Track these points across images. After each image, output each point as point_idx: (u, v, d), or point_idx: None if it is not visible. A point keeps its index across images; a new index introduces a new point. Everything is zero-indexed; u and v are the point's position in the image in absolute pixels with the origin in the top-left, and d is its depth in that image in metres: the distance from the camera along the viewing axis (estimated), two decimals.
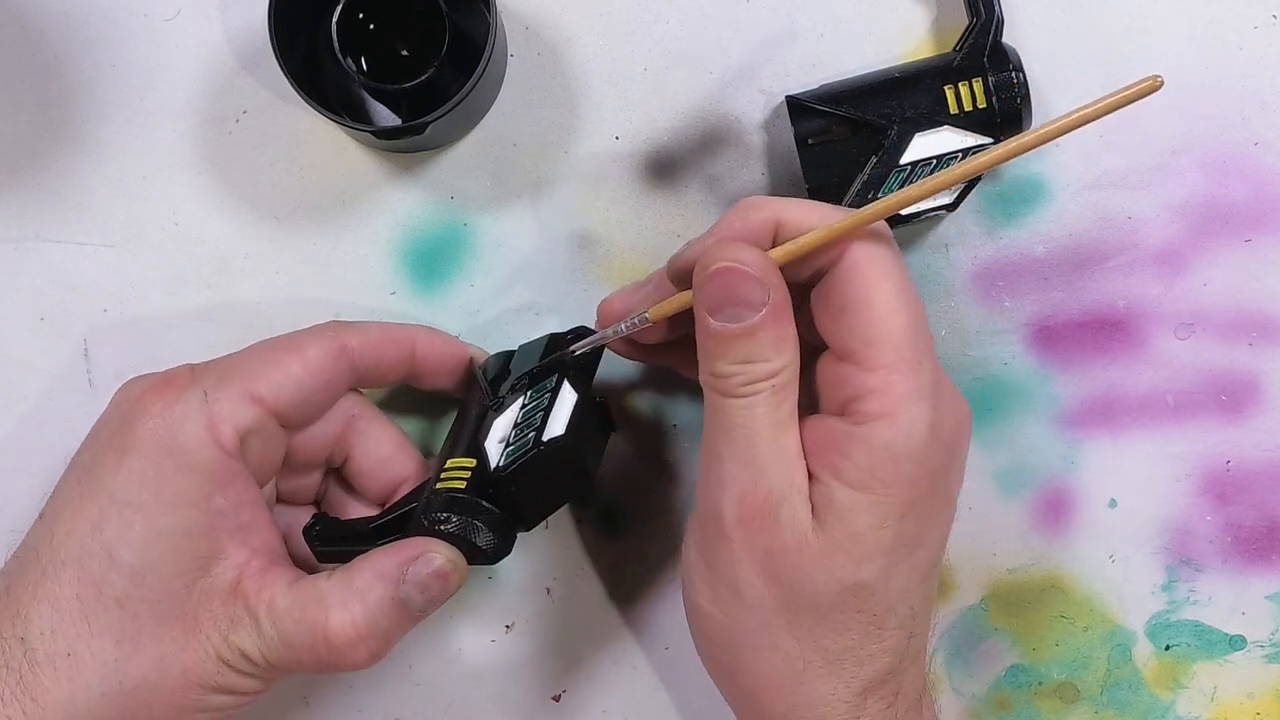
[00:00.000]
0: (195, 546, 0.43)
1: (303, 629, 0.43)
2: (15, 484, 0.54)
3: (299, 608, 0.43)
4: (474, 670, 0.55)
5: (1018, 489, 0.55)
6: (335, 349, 0.47)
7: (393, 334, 0.49)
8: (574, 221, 0.54)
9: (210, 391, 0.44)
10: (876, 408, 0.42)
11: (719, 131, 0.54)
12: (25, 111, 0.53)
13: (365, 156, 0.54)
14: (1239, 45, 0.54)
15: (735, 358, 0.42)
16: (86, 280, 0.53)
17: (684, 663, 0.55)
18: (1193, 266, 0.54)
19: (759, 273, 0.42)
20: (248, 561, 0.44)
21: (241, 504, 0.44)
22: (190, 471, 0.43)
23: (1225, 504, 0.55)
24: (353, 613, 0.43)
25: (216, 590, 0.44)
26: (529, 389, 0.47)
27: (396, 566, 0.44)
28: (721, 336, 0.42)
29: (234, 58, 0.53)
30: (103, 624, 0.43)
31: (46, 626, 0.43)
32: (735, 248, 0.42)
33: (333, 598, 0.43)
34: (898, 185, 0.50)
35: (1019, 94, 0.50)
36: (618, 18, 0.53)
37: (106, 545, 0.43)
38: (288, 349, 0.46)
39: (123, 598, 0.43)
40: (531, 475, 0.45)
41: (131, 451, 0.43)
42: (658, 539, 0.55)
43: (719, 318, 0.42)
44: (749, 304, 0.42)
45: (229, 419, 0.44)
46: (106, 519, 0.43)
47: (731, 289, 0.42)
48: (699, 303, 0.43)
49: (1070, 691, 0.56)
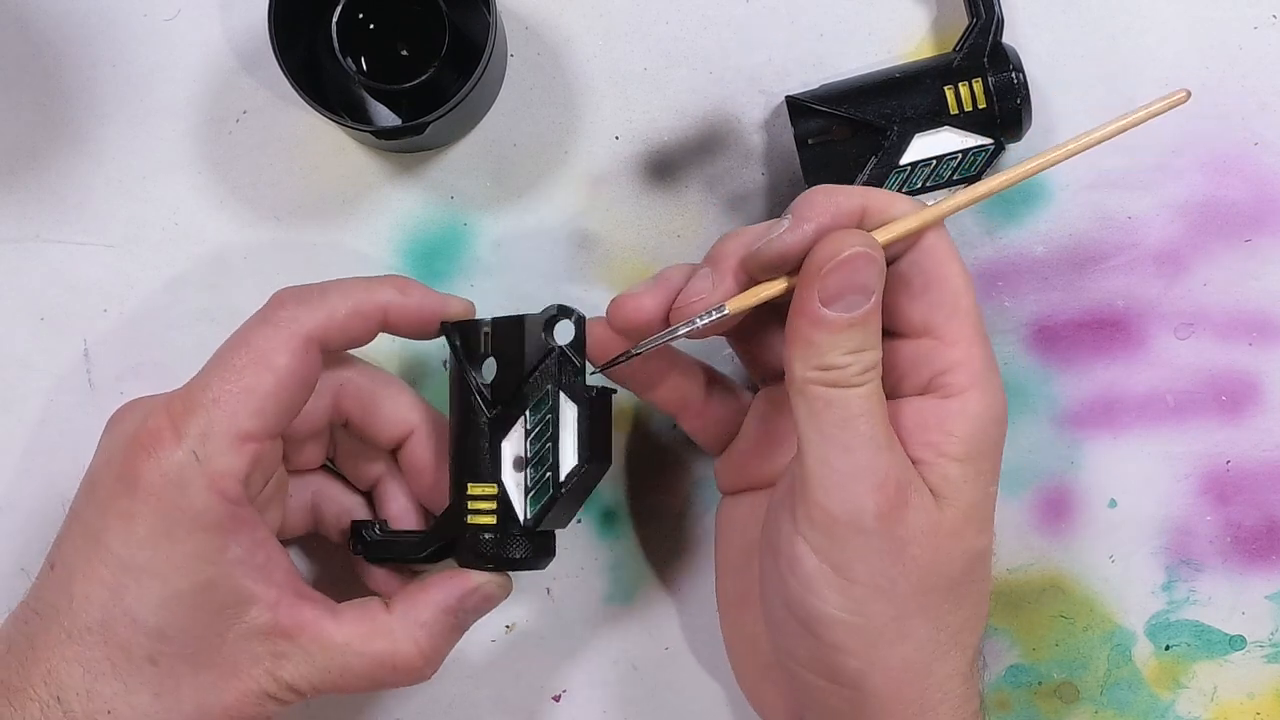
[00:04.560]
0: (219, 598, 0.43)
1: (365, 659, 0.45)
2: (15, 484, 0.54)
3: (361, 640, 0.45)
4: (474, 670, 0.55)
5: (1018, 489, 0.55)
6: (300, 346, 0.44)
7: (359, 306, 0.45)
8: (574, 221, 0.54)
9: (199, 449, 0.42)
10: (964, 379, 0.43)
11: (719, 131, 0.54)
12: (25, 111, 0.53)
13: (365, 156, 0.54)
14: (1239, 45, 0.54)
15: (850, 347, 0.41)
16: (86, 280, 0.53)
17: (684, 663, 0.55)
18: (1193, 266, 0.54)
19: (881, 258, 0.42)
20: (279, 600, 0.44)
21: (256, 545, 0.44)
22: (202, 531, 0.42)
23: (1225, 504, 0.55)
24: (420, 644, 0.45)
25: (254, 633, 0.44)
26: (528, 406, 0.45)
27: (458, 600, 0.46)
28: (838, 326, 0.41)
29: (234, 58, 0.53)
30: (138, 681, 0.43)
31: (81, 687, 0.42)
32: (857, 234, 0.42)
33: (400, 632, 0.45)
34: (897, 185, 0.50)
35: (1019, 94, 0.50)
36: (618, 18, 0.53)
37: (128, 611, 0.42)
38: (255, 366, 0.43)
39: (154, 656, 0.43)
40: (559, 511, 0.46)
41: (137, 518, 0.42)
42: (658, 539, 0.55)
43: (836, 307, 0.41)
44: (867, 290, 0.41)
45: (228, 471, 0.43)
46: (124, 585, 0.42)
47: (856, 276, 0.41)
48: (813, 293, 0.41)
49: (1070, 691, 0.56)
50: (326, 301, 0.45)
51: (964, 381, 0.43)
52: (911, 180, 0.50)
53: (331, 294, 0.45)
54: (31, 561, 0.45)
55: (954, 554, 0.43)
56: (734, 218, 0.54)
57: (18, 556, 0.53)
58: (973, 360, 0.43)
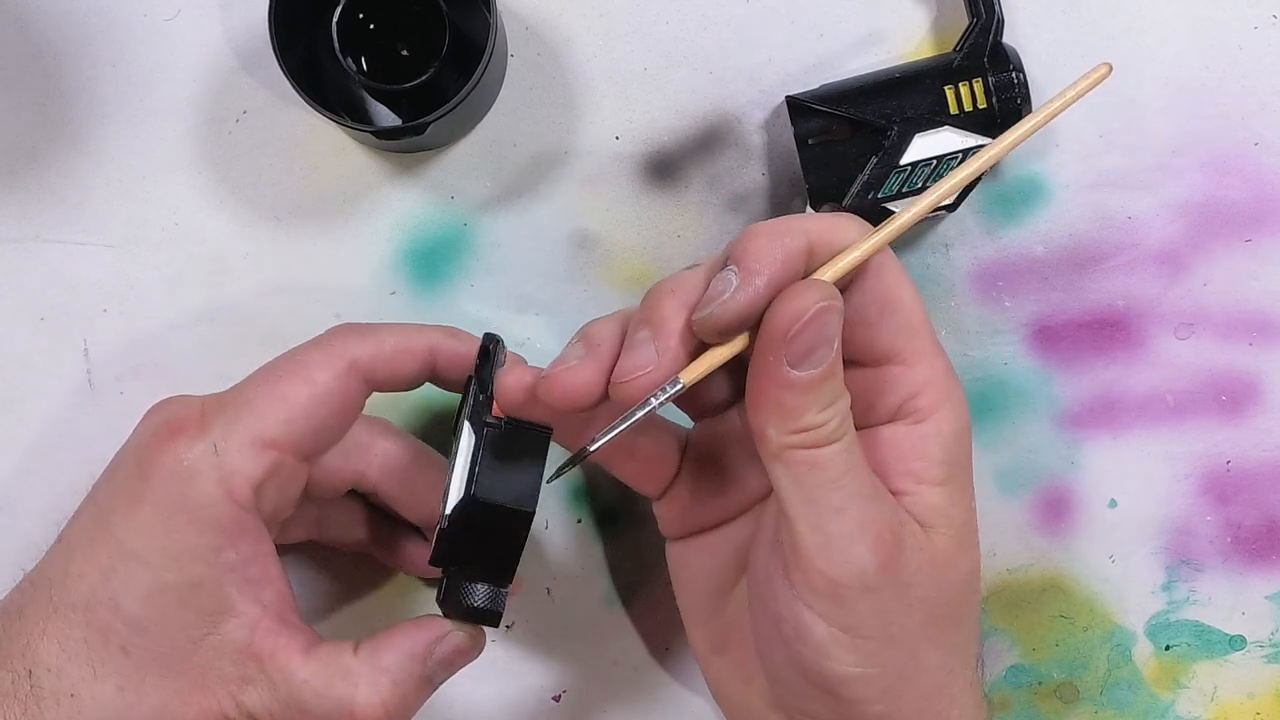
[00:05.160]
0: (203, 601, 0.43)
1: (326, 702, 0.43)
2: (15, 484, 0.54)
3: (323, 681, 0.43)
4: (474, 670, 0.54)
5: (1018, 489, 0.55)
6: (344, 368, 0.44)
7: (409, 344, 0.46)
8: (574, 221, 0.54)
9: (220, 443, 0.43)
10: (933, 398, 0.42)
11: (719, 131, 0.54)
12: (25, 111, 0.53)
13: (365, 156, 0.54)
14: (1239, 45, 0.54)
15: (823, 403, 0.39)
16: (86, 280, 0.53)
17: (684, 663, 0.55)
18: (1193, 266, 0.54)
19: (841, 304, 0.40)
20: (259, 620, 0.43)
21: (253, 558, 0.43)
22: (201, 526, 0.42)
23: (1225, 504, 0.55)
24: (381, 692, 0.43)
25: (227, 648, 0.43)
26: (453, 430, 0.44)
27: (425, 646, 0.44)
28: (808, 385, 0.39)
29: (234, 58, 0.53)
30: (107, 670, 0.42)
31: (53, 663, 0.42)
32: (815, 288, 0.39)
33: (362, 677, 0.43)
34: (898, 185, 0.50)
35: (1019, 94, 0.50)
36: (618, 18, 0.53)
37: (113, 594, 0.42)
38: (294, 377, 0.44)
39: (128, 646, 0.42)
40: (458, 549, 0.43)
41: (143, 503, 0.43)
42: (658, 539, 0.55)
43: (805, 366, 0.39)
44: (831, 341, 0.39)
45: (241, 470, 0.43)
46: (115, 568, 0.42)
47: (822, 331, 0.39)
48: (780, 357, 0.39)
49: (1070, 691, 0.56)
50: (376, 335, 0.45)
51: (933, 401, 0.42)
52: (911, 180, 0.50)
53: (382, 330, 0.46)
54: (31, 561, 0.45)
55: (952, 580, 0.42)
56: (734, 218, 0.54)
57: (18, 556, 0.53)
58: (937, 376, 0.42)
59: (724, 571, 0.46)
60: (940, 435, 0.42)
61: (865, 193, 0.50)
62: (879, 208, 0.50)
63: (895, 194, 0.50)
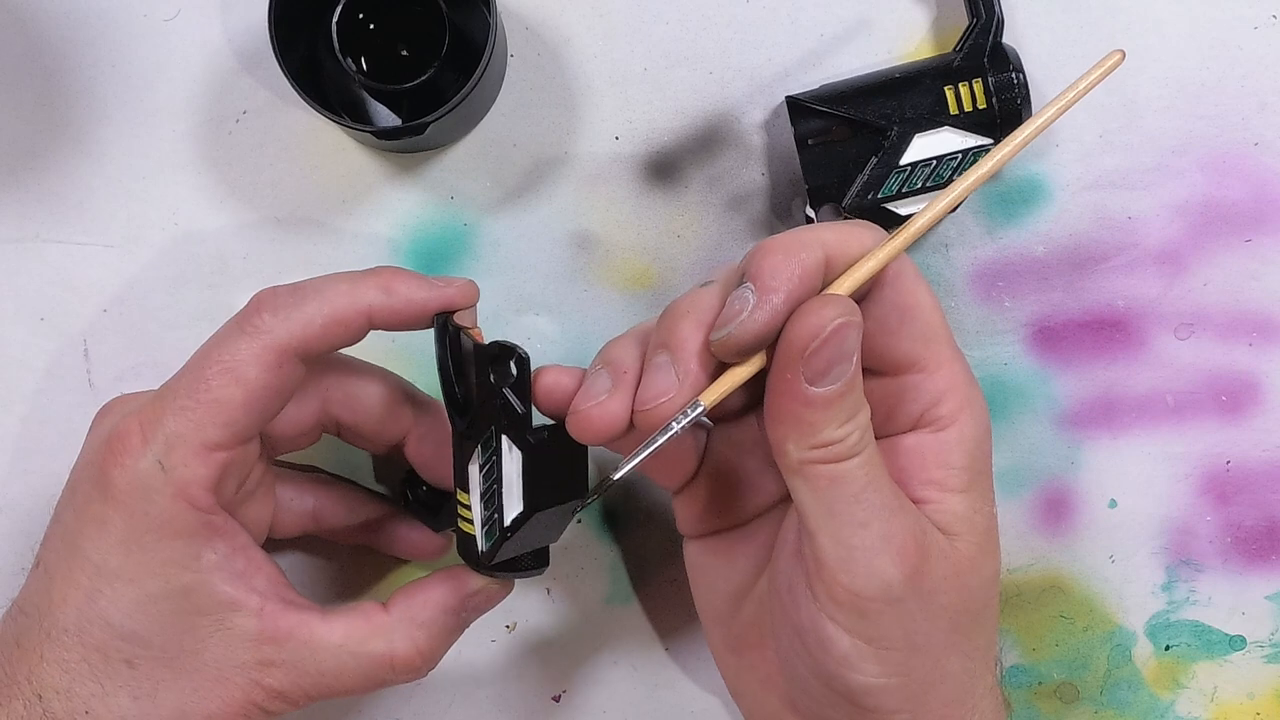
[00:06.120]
0: (197, 604, 0.43)
1: (364, 661, 0.44)
2: (15, 485, 0.54)
3: (357, 640, 0.44)
4: (474, 670, 0.55)
5: (1018, 489, 0.55)
6: (274, 359, 0.42)
7: (340, 314, 0.43)
8: (574, 221, 0.54)
9: (164, 459, 0.42)
10: (954, 405, 0.42)
11: (719, 131, 0.54)
12: (25, 111, 0.53)
13: (365, 156, 0.54)
14: (1239, 45, 0.54)
15: (844, 417, 0.39)
16: (86, 280, 0.53)
17: (684, 663, 0.55)
18: (1193, 266, 0.54)
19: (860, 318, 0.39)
20: (262, 606, 0.43)
21: (234, 552, 0.43)
22: (172, 539, 0.42)
23: (1225, 504, 0.55)
24: (418, 643, 0.45)
25: (237, 639, 0.43)
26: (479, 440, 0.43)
27: (460, 601, 0.45)
28: (829, 401, 0.39)
29: (234, 58, 0.53)
30: (115, 684, 0.42)
31: (60, 686, 0.42)
32: (833, 303, 0.39)
33: (398, 632, 0.44)
34: (898, 186, 0.50)
35: (1019, 94, 0.50)
36: (618, 18, 0.53)
37: (102, 614, 0.42)
38: (225, 378, 0.42)
39: (131, 659, 0.42)
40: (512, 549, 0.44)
41: (109, 524, 0.42)
42: (658, 539, 0.55)
43: (824, 383, 0.39)
44: (851, 356, 0.39)
45: (194, 480, 0.42)
46: (98, 589, 0.42)
47: (842, 347, 0.39)
48: (798, 374, 0.39)
49: (1070, 691, 0.56)
50: (303, 310, 0.43)
51: (955, 408, 0.42)
52: (911, 180, 0.50)
53: (310, 301, 0.43)
54: (31, 561, 0.45)
55: (975, 586, 0.42)
56: (734, 218, 0.54)
57: (18, 556, 0.53)
58: (958, 382, 0.42)
59: (742, 573, 0.46)
60: (963, 442, 0.42)
61: (865, 193, 0.50)
62: (879, 208, 0.50)
63: (895, 194, 0.50)
